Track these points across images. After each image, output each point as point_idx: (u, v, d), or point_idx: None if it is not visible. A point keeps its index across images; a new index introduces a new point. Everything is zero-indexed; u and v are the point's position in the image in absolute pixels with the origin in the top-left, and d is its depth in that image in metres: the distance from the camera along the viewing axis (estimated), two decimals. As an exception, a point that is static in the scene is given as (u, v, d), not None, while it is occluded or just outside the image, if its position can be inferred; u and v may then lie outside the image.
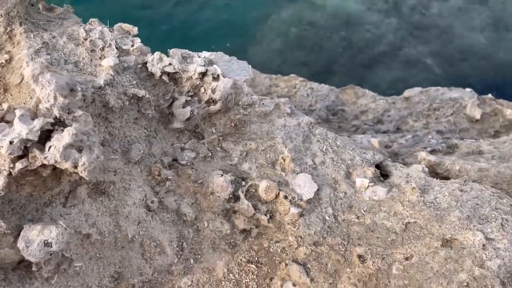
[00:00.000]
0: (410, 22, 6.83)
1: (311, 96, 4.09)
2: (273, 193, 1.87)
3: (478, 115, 3.69)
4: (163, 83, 1.91)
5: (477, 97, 3.83)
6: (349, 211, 1.90)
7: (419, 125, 3.75)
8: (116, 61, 1.76)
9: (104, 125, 1.71)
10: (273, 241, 1.83)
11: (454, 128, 3.66)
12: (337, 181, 1.98)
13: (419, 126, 3.73)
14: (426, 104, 3.92)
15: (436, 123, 3.72)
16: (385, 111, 3.95)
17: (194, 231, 1.81)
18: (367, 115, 3.95)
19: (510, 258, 1.67)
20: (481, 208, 1.83)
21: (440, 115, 3.80)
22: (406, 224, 1.82)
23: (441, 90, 4.05)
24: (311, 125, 2.15)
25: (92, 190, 1.63)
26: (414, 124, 3.77)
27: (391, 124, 3.84)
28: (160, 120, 1.92)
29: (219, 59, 2.14)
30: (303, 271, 1.74)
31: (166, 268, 1.71)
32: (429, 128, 3.68)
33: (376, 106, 4.00)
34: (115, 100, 1.70)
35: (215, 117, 2.00)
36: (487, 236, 1.72)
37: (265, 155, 1.99)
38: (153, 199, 1.76)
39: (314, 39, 6.71)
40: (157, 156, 1.86)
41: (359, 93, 4.14)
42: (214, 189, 1.86)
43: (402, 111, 3.93)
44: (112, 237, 1.64)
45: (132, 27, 1.94)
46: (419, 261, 1.71)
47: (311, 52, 6.61)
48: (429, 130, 3.62)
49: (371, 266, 1.73)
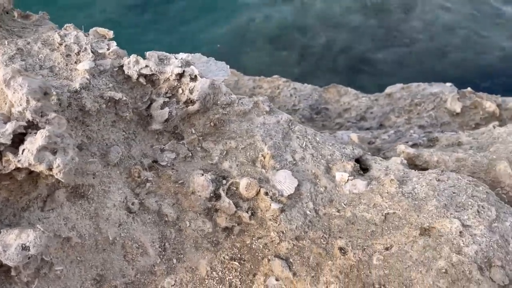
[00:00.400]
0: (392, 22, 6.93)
1: (294, 96, 4.13)
2: (254, 190, 1.89)
3: (458, 109, 3.75)
4: (141, 86, 1.92)
5: (457, 91, 3.90)
6: (329, 205, 1.92)
7: (401, 120, 3.80)
8: (91, 64, 1.77)
9: (81, 128, 1.71)
10: (255, 237, 1.85)
11: (435, 122, 3.72)
12: (317, 176, 2.00)
13: (401, 122, 3.78)
14: (407, 100, 3.97)
15: (418, 118, 3.78)
16: (368, 108, 4.00)
17: (176, 231, 1.81)
18: (350, 112, 3.99)
19: (486, 244, 1.70)
20: (458, 196, 1.86)
21: (422, 110, 3.86)
22: (386, 215, 1.85)
23: (422, 85, 4.11)
24: (291, 122, 2.17)
25: (71, 193, 1.63)
26: (397, 120, 3.82)
27: (374, 120, 3.88)
28: (138, 122, 1.93)
29: (197, 60, 2.16)
30: (286, 265, 1.76)
31: (149, 269, 1.72)
32: (411, 123, 3.73)
33: (359, 103, 4.05)
34: (92, 103, 1.71)
35: (194, 117, 2.01)
36: (463, 223, 1.75)
37: (245, 153, 2.01)
38: (133, 200, 1.76)
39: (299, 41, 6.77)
40: (136, 158, 1.86)
41: (341, 92, 4.18)
42: (195, 189, 1.87)
43: (385, 108, 3.98)
44: (93, 240, 1.64)
45: (107, 31, 1.95)
46: (399, 251, 1.74)
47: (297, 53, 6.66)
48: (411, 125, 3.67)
49: (352, 258, 1.75)
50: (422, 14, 6.95)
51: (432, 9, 7.03)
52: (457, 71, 6.14)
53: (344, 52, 6.64)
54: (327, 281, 1.71)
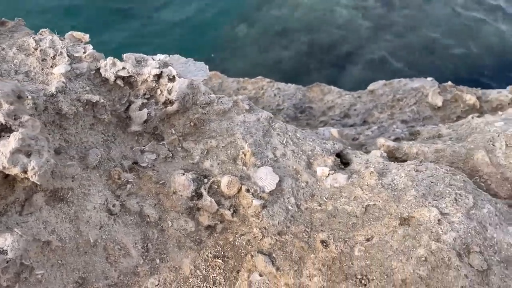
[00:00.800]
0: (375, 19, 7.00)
1: (278, 96, 4.15)
2: (235, 187, 1.90)
3: (439, 103, 3.81)
4: (118, 88, 1.92)
5: (438, 85, 3.96)
6: (311, 199, 1.94)
7: (384, 116, 3.84)
8: (67, 68, 1.77)
9: (58, 132, 1.71)
10: (238, 234, 1.85)
11: (417, 117, 3.77)
12: (299, 172, 2.02)
13: (384, 118, 3.82)
14: (390, 96, 4.02)
15: (400, 113, 3.82)
16: (351, 106, 4.04)
17: (158, 232, 1.81)
18: (334, 110, 4.03)
19: (464, 231, 1.73)
20: (436, 186, 1.89)
21: (404, 105, 3.91)
22: (366, 207, 1.87)
23: (404, 81, 4.17)
24: (271, 120, 2.19)
25: (50, 197, 1.62)
26: (380, 116, 3.86)
27: (358, 117, 3.92)
28: (118, 125, 1.93)
29: (175, 61, 2.17)
30: (269, 260, 1.77)
31: (132, 270, 1.72)
32: (394, 118, 3.78)
33: (343, 101, 4.09)
34: (69, 106, 1.71)
35: (173, 117, 2.02)
36: (442, 211, 1.78)
37: (226, 152, 2.02)
38: (114, 202, 1.76)
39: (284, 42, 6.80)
40: (116, 160, 1.86)
41: (325, 90, 4.22)
42: (176, 188, 1.87)
43: (368, 104, 4.02)
44: (74, 243, 1.63)
45: (83, 34, 1.95)
46: (379, 241, 1.76)
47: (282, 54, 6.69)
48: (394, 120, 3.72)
49: (334, 250, 1.77)
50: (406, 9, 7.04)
51: (416, 4, 7.13)
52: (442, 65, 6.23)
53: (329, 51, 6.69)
54: (310, 274, 1.73)
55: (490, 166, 2.18)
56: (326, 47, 6.73)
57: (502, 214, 1.88)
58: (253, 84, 4.35)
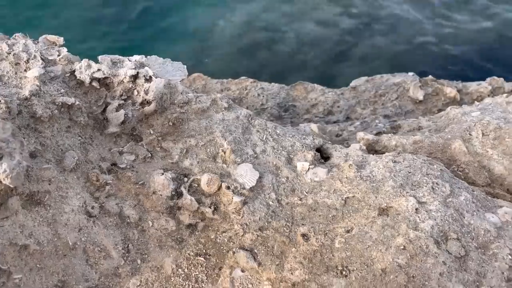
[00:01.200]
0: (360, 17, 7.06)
1: (262, 96, 4.17)
2: (215, 185, 1.90)
3: (421, 96, 3.86)
4: (94, 90, 1.92)
5: (418, 80, 4.01)
6: (292, 194, 1.95)
7: (367, 112, 3.88)
8: (41, 71, 1.76)
9: (34, 136, 1.70)
10: (219, 232, 1.86)
11: (399, 111, 3.81)
12: (279, 167, 2.03)
13: (367, 113, 3.86)
14: (372, 92, 4.06)
15: (383, 108, 3.86)
16: (334, 103, 4.07)
17: (139, 232, 1.81)
18: (317, 108, 4.06)
19: (441, 218, 1.76)
20: (413, 176, 1.92)
21: (386, 101, 3.95)
22: (345, 199, 1.89)
23: (385, 76, 4.21)
24: (250, 117, 2.20)
25: (26, 201, 1.61)
26: (363, 112, 3.90)
27: (341, 114, 3.95)
28: (95, 127, 1.92)
29: (152, 62, 2.17)
30: (250, 256, 1.78)
31: (113, 271, 1.71)
32: (377, 113, 3.82)
33: (326, 98, 4.12)
34: (43, 109, 1.70)
35: (151, 118, 2.02)
36: (419, 200, 1.81)
37: (205, 150, 2.02)
38: (93, 204, 1.75)
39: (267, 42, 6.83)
40: (94, 162, 1.86)
41: (308, 88, 4.24)
42: (156, 188, 1.87)
43: (350, 101, 4.06)
44: (52, 246, 1.62)
45: (57, 37, 1.95)
46: (359, 232, 1.78)
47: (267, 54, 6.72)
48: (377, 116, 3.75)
49: (315, 243, 1.78)
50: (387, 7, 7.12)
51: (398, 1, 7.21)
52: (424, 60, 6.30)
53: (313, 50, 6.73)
54: (292, 267, 1.74)
55: (467, 155, 2.22)
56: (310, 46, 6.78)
57: (479, 201, 1.91)
58: (237, 84, 4.36)
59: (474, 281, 1.64)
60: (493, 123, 2.29)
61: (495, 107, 2.50)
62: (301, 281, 1.71)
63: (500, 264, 1.68)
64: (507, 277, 1.67)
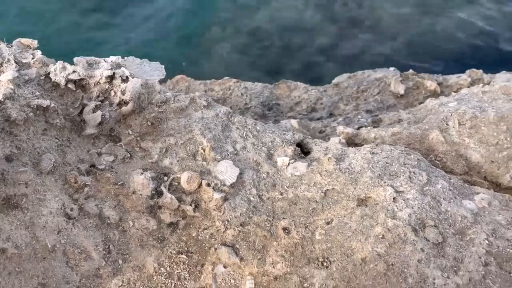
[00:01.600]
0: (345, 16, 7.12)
1: (245, 95, 4.18)
2: (195, 183, 1.90)
3: (402, 91, 3.90)
4: (70, 92, 1.91)
5: (399, 74, 4.06)
6: (272, 189, 1.96)
7: (349, 108, 3.91)
8: (15, 74, 1.75)
9: (9, 139, 1.69)
10: (201, 229, 1.86)
11: (381, 106, 3.85)
12: (259, 163, 2.04)
13: (350, 109, 3.89)
14: (354, 88, 4.10)
15: (365, 104, 3.90)
16: (317, 100, 4.10)
17: (120, 232, 1.80)
18: (301, 105, 4.08)
19: (419, 206, 1.79)
20: (391, 166, 1.95)
21: (368, 96, 3.99)
22: (325, 192, 1.91)
23: (367, 72, 4.25)
24: (229, 115, 2.21)
25: (3, 205, 1.60)
26: (345, 108, 3.93)
27: (324, 111, 3.98)
28: (72, 129, 1.91)
29: (130, 63, 2.17)
30: (232, 252, 1.78)
31: (94, 273, 1.70)
32: (359, 109, 3.85)
33: (309, 96, 4.14)
34: (18, 113, 1.69)
35: (130, 118, 2.01)
36: (396, 189, 1.83)
37: (185, 148, 2.03)
38: (72, 206, 1.75)
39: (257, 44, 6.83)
40: (72, 164, 1.85)
41: (292, 86, 4.27)
42: (136, 188, 1.87)
43: (333, 98, 4.09)
44: (31, 249, 1.61)
45: (31, 41, 1.94)
46: (339, 223, 1.79)
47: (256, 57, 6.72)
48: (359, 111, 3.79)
49: (296, 236, 1.79)
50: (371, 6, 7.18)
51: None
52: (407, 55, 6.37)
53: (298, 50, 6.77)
54: (273, 261, 1.75)
55: (444, 144, 2.25)
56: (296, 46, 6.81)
57: (456, 189, 1.94)
58: (220, 85, 4.37)
59: (452, 266, 1.67)
60: (469, 113, 2.33)
61: (471, 97, 2.55)
62: (283, 274, 1.72)
63: (477, 249, 1.71)
64: (484, 261, 1.70)
